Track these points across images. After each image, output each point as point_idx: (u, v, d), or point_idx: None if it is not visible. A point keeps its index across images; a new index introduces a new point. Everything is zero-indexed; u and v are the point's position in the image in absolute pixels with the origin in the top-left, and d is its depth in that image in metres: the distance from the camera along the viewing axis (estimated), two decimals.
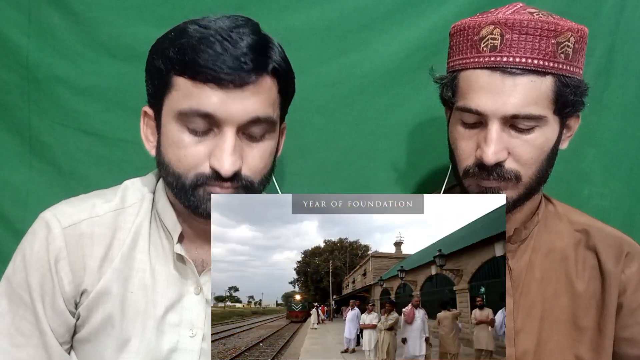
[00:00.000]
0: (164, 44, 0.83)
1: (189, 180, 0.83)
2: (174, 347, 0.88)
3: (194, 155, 0.82)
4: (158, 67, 0.83)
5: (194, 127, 0.81)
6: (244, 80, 0.79)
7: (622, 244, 1.01)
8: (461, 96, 0.93)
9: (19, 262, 0.87)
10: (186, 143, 0.82)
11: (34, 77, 1.27)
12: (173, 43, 0.81)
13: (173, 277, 0.90)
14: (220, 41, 0.78)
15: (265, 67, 0.81)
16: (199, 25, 0.81)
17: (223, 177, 0.81)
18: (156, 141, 0.88)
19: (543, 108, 0.88)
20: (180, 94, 0.81)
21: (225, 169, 0.80)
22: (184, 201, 0.85)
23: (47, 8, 1.25)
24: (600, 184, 1.37)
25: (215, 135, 0.82)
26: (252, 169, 0.84)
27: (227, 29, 0.80)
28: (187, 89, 0.80)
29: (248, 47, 0.79)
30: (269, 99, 0.83)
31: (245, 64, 0.78)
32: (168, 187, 0.88)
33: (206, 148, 0.82)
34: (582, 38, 0.91)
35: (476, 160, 0.92)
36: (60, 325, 0.88)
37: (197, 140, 0.82)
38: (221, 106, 0.79)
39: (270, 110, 0.84)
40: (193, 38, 0.80)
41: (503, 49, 0.88)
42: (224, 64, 0.78)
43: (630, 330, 1.00)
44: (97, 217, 0.89)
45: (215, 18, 0.82)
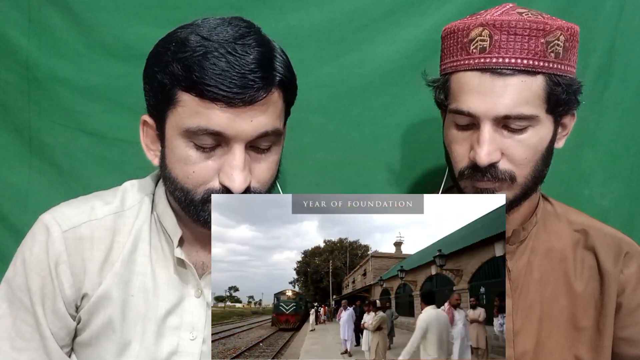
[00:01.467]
0: (165, 56, 0.81)
1: (198, 196, 0.83)
2: (174, 350, 0.88)
3: (202, 172, 0.82)
4: (161, 80, 0.81)
5: (202, 144, 0.80)
6: (253, 99, 0.78)
7: (620, 244, 1.01)
8: (453, 98, 0.93)
9: (19, 265, 0.87)
10: (194, 159, 0.81)
11: (34, 77, 1.27)
12: (176, 57, 0.79)
13: (173, 281, 0.90)
14: (225, 55, 0.77)
15: (273, 82, 0.80)
16: (200, 37, 0.79)
17: (234, 193, 0.81)
18: (159, 151, 0.87)
19: (535, 107, 0.88)
20: (186, 110, 0.79)
21: (237, 187, 0.80)
22: (194, 215, 0.84)
23: (47, 8, 1.26)
24: (600, 184, 1.37)
25: (223, 150, 0.81)
26: (260, 181, 0.84)
27: (231, 41, 0.78)
28: (194, 107, 0.79)
29: (255, 62, 0.78)
30: (277, 111, 0.83)
31: (254, 82, 0.77)
32: (175, 201, 0.87)
33: (215, 164, 0.81)
34: (572, 36, 0.90)
35: (470, 162, 0.92)
36: (61, 329, 0.87)
37: (205, 156, 0.81)
38: (230, 124, 0.78)
39: (278, 123, 0.83)
40: (196, 53, 0.78)
41: (492, 50, 0.88)
42: (232, 82, 0.76)
43: (629, 330, 1.00)
44: (96, 220, 0.89)
45: (215, 24, 0.81)
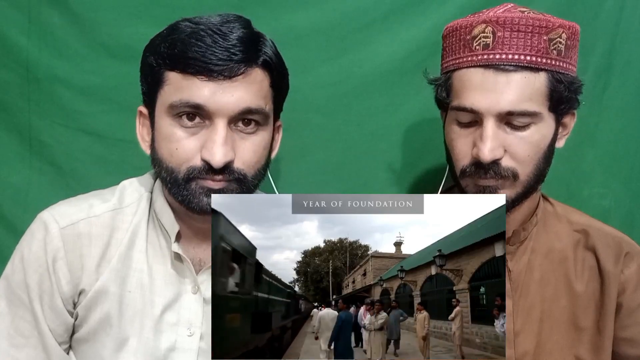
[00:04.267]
0: (156, 41, 0.85)
1: (182, 174, 0.83)
2: (172, 346, 0.88)
3: (185, 149, 0.82)
4: (150, 63, 0.84)
5: (185, 123, 0.82)
6: (234, 71, 0.79)
7: (621, 244, 1.01)
8: (456, 96, 0.93)
9: (17, 262, 0.88)
10: (178, 137, 0.82)
11: (34, 77, 1.27)
12: (165, 39, 0.83)
13: (171, 276, 0.90)
14: (211, 34, 0.79)
15: (256, 59, 0.82)
16: (190, 22, 0.83)
17: (214, 168, 0.81)
18: (151, 139, 0.88)
19: (538, 104, 0.89)
20: (171, 88, 0.82)
21: (217, 160, 0.80)
22: (177, 196, 0.85)
23: (47, 8, 1.26)
24: (600, 184, 1.37)
25: (206, 128, 0.82)
26: (245, 162, 0.84)
27: (217, 24, 0.81)
28: (178, 82, 0.81)
29: (238, 39, 0.80)
30: (261, 91, 0.84)
31: (235, 54, 0.79)
32: (163, 184, 0.89)
33: (198, 141, 0.82)
34: (573, 35, 0.91)
35: (473, 159, 0.92)
36: (59, 325, 0.88)
37: (189, 133, 0.82)
38: (211, 97, 0.80)
39: (262, 103, 0.84)
40: (184, 33, 0.81)
41: (495, 46, 0.88)
42: (214, 55, 0.78)
43: (629, 330, 1.00)
44: (94, 217, 0.89)
45: (208, 16, 0.84)
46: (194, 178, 0.83)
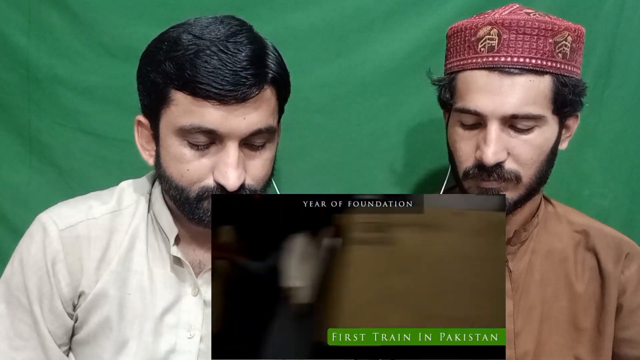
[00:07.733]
0: (157, 55, 0.81)
1: (193, 194, 0.83)
2: (171, 348, 0.88)
3: (196, 170, 0.82)
4: (154, 80, 0.81)
5: (196, 142, 0.81)
6: (246, 96, 0.78)
7: (621, 245, 1.01)
8: (459, 97, 0.93)
9: (16, 265, 0.87)
10: (188, 157, 0.81)
11: (34, 77, 1.27)
12: (168, 56, 0.79)
13: (170, 279, 0.90)
14: (217, 53, 0.77)
15: (265, 79, 0.81)
16: (193, 35, 0.79)
17: (228, 191, 0.81)
18: (154, 151, 0.88)
19: (542, 107, 0.88)
20: (180, 109, 0.80)
21: (231, 185, 0.80)
22: (189, 214, 0.84)
23: (47, 8, 1.25)
24: (600, 184, 1.36)
25: (217, 148, 0.81)
26: (255, 178, 0.84)
27: (223, 39, 0.79)
28: (187, 106, 0.79)
29: (247, 59, 0.78)
30: (270, 108, 0.83)
31: (246, 79, 0.78)
32: (171, 199, 0.88)
33: (209, 161, 0.82)
34: (579, 37, 0.90)
35: (476, 162, 0.91)
36: (59, 328, 0.87)
37: (199, 154, 0.81)
38: (223, 122, 0.79)
39: (272, 120, 0.84)
40: (188, 51, 0.78)
41: (501, 49, 0.88)
42: (225, 79, 0.77)
43: (630, 331, 1.00)
44: (93, 219, 0.89)
45: (207, 22, 0.81)
46: (207, 198, 0.83)
